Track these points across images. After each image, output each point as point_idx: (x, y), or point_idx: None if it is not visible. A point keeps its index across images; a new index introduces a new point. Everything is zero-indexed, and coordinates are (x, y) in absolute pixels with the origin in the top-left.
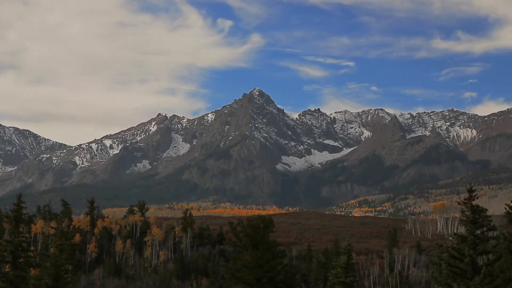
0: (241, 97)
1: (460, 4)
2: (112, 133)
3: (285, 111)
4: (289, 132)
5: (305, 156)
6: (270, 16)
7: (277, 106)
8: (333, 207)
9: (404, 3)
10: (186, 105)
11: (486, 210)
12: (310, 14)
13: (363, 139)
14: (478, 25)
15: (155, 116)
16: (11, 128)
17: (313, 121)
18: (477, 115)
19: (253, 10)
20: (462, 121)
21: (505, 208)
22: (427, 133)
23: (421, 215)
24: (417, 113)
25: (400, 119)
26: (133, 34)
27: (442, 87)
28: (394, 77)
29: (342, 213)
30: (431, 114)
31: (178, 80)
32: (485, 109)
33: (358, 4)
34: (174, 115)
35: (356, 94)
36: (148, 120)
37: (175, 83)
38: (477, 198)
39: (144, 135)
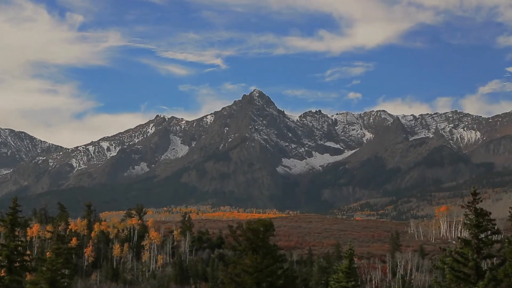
0: (240, 99)
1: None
2: (110, 135)
3: (285, 112)
4: (290, 134)
5: (306, 159)
6: (101, 10)
7: (278, 107)
8: (335, 211)
9: None
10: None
11: (490, 213)
12: (147, 8)
13: (365, 141)
14: (329, 23)
15: (153, 118)
16: (7, 130)
17: (314, 123)
18: (481, 116)
19: (82, 4)
20: (466, 123)
21: (510, 212)
22: (430, 135)
23: (424, 218)
24: (420, 115)
25: (403, 121)
26: None
27: (327, 88)
28: (273, 77)
29: (344, 217)
30: (434, 115)
31: (35, 77)
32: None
33: None
34: (172, 117)
35: (235, 95)
36: (146, 122)
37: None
38: (481, 201)
39: (142, 137)
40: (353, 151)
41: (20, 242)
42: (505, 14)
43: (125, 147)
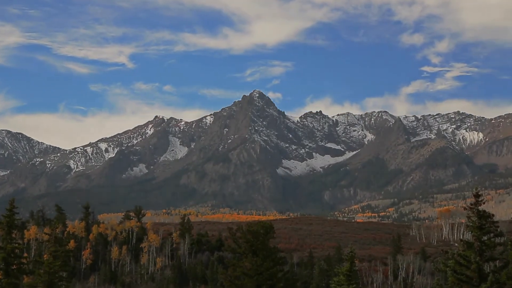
0: (240, 99)
1: None
2: (108, 136)
3: (286, 113)
4: (290, 135)
5: (307, 160)
6: None
7: (278, 108)
8: (336, 213)
9: None
10: None
11: (493, 215)
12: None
13: (366, 143)
14: (221, 20)
15: (152, 119)
16: (4, 131)
17: (314, 124)
18: (484, 117)
19: None
20: (469, 124)
21: None
22: (432, 136)
23: (426, 220)
24: (422, 116)
25: (405, 122)
26: None
27: (246, 88)
28: (189, 77)
29: (345, 219)
30: (437, 116)
31: None
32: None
33: None
34: (171, 118)
35: (149, 95)
36: (144, 123)
37: None
38: (484, 203)
39: (140, 138)
40: (354, 152)
41: (17, 245)
42: (401, 13)
43: (123, 148)
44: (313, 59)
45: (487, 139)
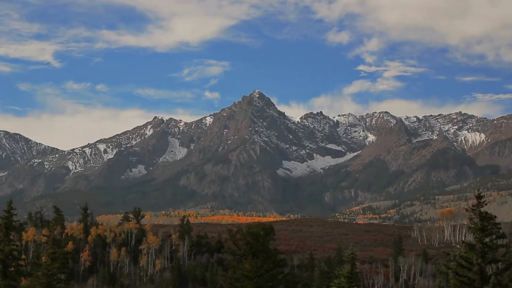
0: (240, 100)
1: None
2: (106, 137)
3: (286, 114)
4: (291, 136)
5: (307, 161)
6: None
7: (278, 109)
8: (336, 214)
9: None
10: None
11: (495, 217)
12: None
13: (367, 144)
14: (136, 17)
15: (151, 119)
16: (1, 132)
17: (315, 125)
18: (486, 118)
19: None
20: (471, 125)
21: None
22: (434, 137)
23: (428, 222)
24: (423, 116)
25: (406, 123)
26: None
27: (183, 87)
28: (121, 76)
29: (346, 220)
30: (438, 117)
31: None
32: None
33: None
34: (171, 118)
35: (82, 95)
36: (143, 123)
37: None
38: (486, 204)
39: (139, 139)
40: (355, 153)
41: (15, 246)
42: (321, 11)
43: (122, 149)
44: (249, 58)
45: (489, 140)
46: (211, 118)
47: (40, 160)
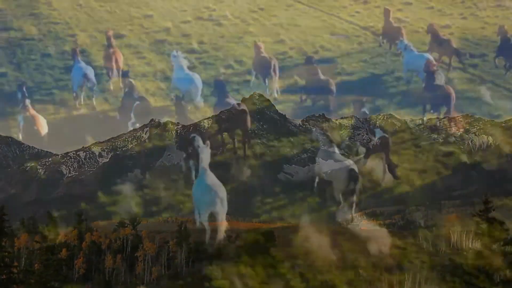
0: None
1: None
2: (101, 140)
3: (287, 116)
4: (292, 139)
5: (309, 165)
6: None
7: (279, 111)
8: (339, 219)
9: None
10: None
11: (503, 223)
12: None
13: (371, 147)
14: None
15: (148, 122)
16: None
17: (317, 128)
18: (493, 120)
19: None
20: (478, 127)
21: None
22: (440, 140)
23: (434, 228)
24: (429, 119)
25: (411, 125)
26: None
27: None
28: None
29: (349, 226)
30: (444, 119)
31: None
32: None
33: None
34: (168, 121)
35: None
36: (140, 126)
37: None
38: (494, 209)
39: (136, 142)
40: (359, 157)
41: (6, 253)
42: None
43: (118, 152)
44: None
45: (497, 143)
46: (210, 120)
47: (32, 164)
